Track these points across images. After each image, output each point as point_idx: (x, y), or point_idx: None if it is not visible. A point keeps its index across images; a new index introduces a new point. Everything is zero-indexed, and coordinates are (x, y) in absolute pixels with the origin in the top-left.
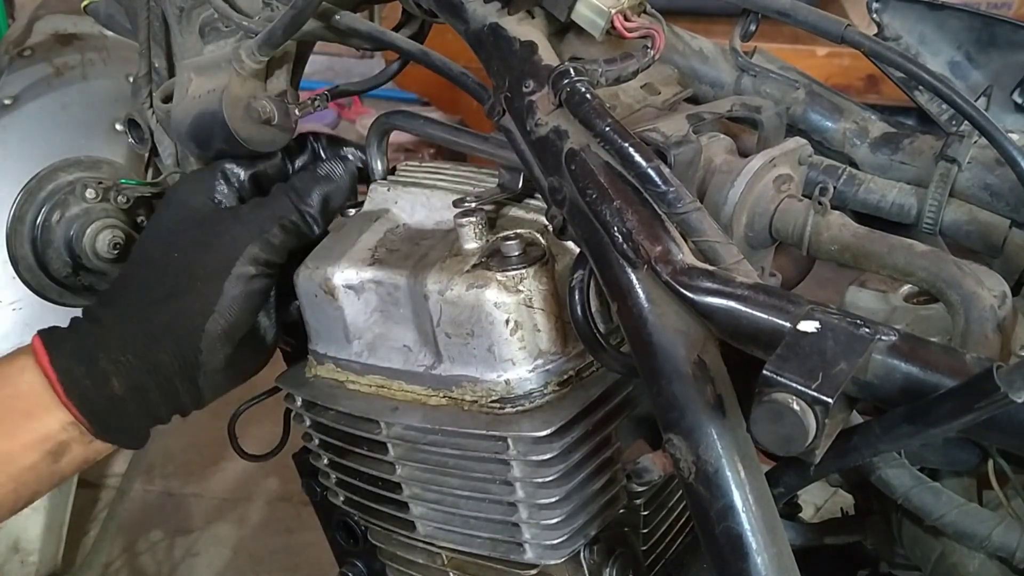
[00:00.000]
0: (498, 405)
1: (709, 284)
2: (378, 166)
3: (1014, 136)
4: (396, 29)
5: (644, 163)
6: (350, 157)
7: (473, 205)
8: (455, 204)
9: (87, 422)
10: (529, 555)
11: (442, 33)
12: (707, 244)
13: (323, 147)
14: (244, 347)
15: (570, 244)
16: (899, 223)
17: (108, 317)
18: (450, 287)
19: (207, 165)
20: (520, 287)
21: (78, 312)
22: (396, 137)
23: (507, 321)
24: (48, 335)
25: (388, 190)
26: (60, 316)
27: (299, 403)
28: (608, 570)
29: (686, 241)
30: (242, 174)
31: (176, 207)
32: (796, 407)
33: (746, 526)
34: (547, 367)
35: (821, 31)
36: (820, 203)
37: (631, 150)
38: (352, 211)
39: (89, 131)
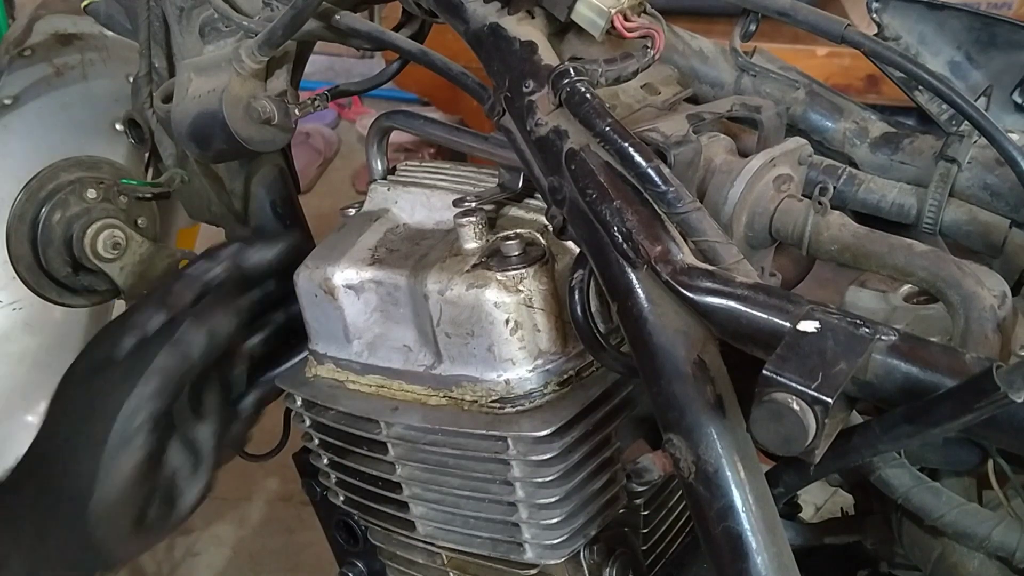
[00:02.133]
0: (498, 405)
1: (709, 284)
2: (378, 166)
3: (1014, 136)
4: (396, 29)
5: (644, 163)
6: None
7: (473, 205)
8: (455, 204)
9: None
10: (529, 555)
11: (442, 33)
12: (707, 244)
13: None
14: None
15: (570, 244)
16: (899, 223)
17: (12, 486)
18: (450, 287)
19: None
20: (520, 287)
21: (78, 312)
22: (396, 137)
23: (507, 321)
24: None
25: (388, 190)
26: (60, 316)
27: (299, 403)
28: (608, 570)
29: (686, 241)
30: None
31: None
32: (796, 407)
33: (746, 526)
34: (547, 367)
35: (821, 31)
36: (820, 203)
37: (631, 150)
38: (351, 211)
39: (89, 131)
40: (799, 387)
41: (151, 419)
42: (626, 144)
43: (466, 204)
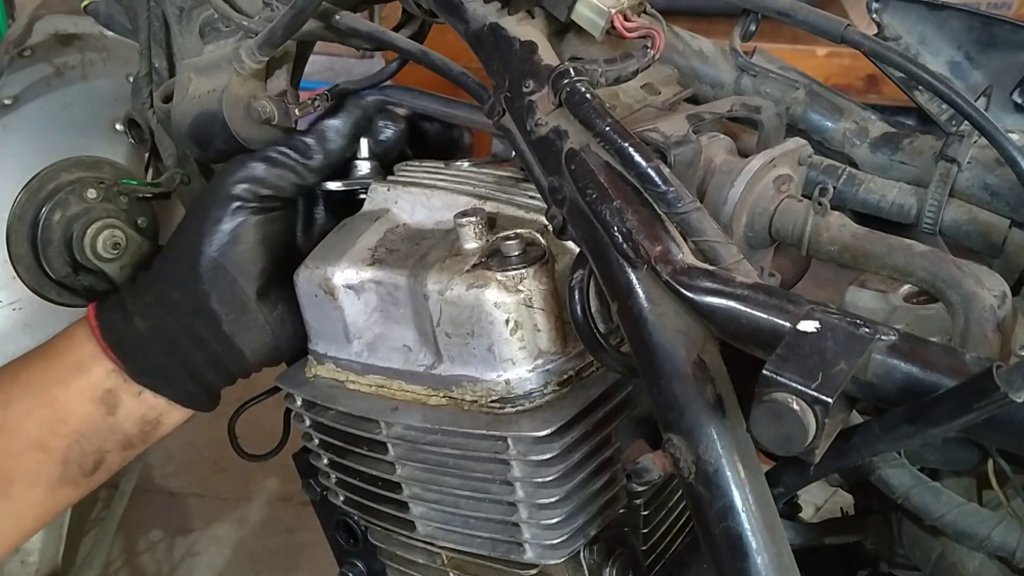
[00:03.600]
0: (498, 405)
1: (709, 284)
2: (363, 150)
3: (1014, 136)
4: (396, 29)
5: (644, 163)
6: (366, 99)
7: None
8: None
9: (122, 363)
10: (529, 555)
11: (442, 33)
12: (707, 244)
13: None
14: (280, 303)
15: (570, 244)
16: (899, 223)
17: (143, 271)
18: (450, 287)
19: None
20: (520, 287)
21: (78, 312)
22: None
23: (507, 321)
24: (104, 298)
25: (388, 190)
26: (60, 316)
27: (299, 403)
28: (608, 570)
29: (686, 241)
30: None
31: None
32: (796, 407)
33: (746, 526)
34: (547, 367)
35: (821, 31)
36: (820, 203)
37: (631, 150)
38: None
39: (89, 131)
40: (799, 387)
41: (255, 196)
42: (626, 144)
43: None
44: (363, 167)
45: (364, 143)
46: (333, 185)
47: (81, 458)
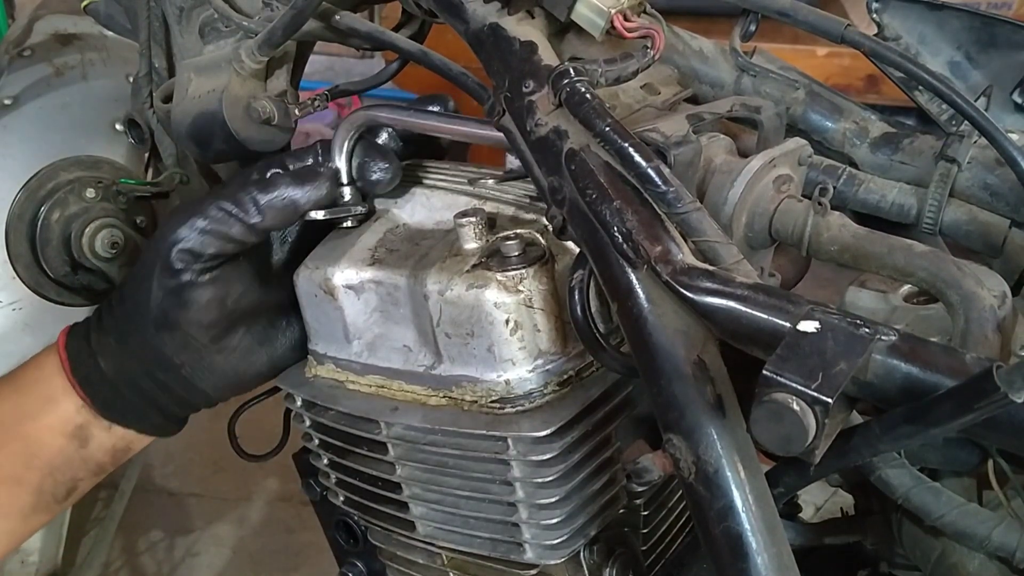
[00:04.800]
0: (498, 405)
1: (709, 284)
2: (343, 174)
3: (1014, 136)
4: (396, 29)
5: (644, 163)
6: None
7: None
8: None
9: (90, 401)
10: (529, 555)
11: (442, 33)
12: (707, 244)
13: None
14: (246, 337)
15: (570, 244)
16: (899, 223)
17: (104, 311)
18: (450, 287)
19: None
20: (520, 287)
21: (77, 312)
22: None
23: (507, 321)
24: (74, 323)
25: None
26: (59, 316)
27: (299, 403)
28: (608, 570)
29: (686, 241)
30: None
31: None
32: (796, 407)
33: (746, 526)
34: (547, 367)
35: (821, 31)
36: (820, 203)
37: (631, 150)
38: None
39: (89, 131)
40: (799, 387)
41: (193, 255)
42: (626, 144)
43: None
44: (345, 193)
45: (343, 166)
46: (315, 215)
47: (54, 488)
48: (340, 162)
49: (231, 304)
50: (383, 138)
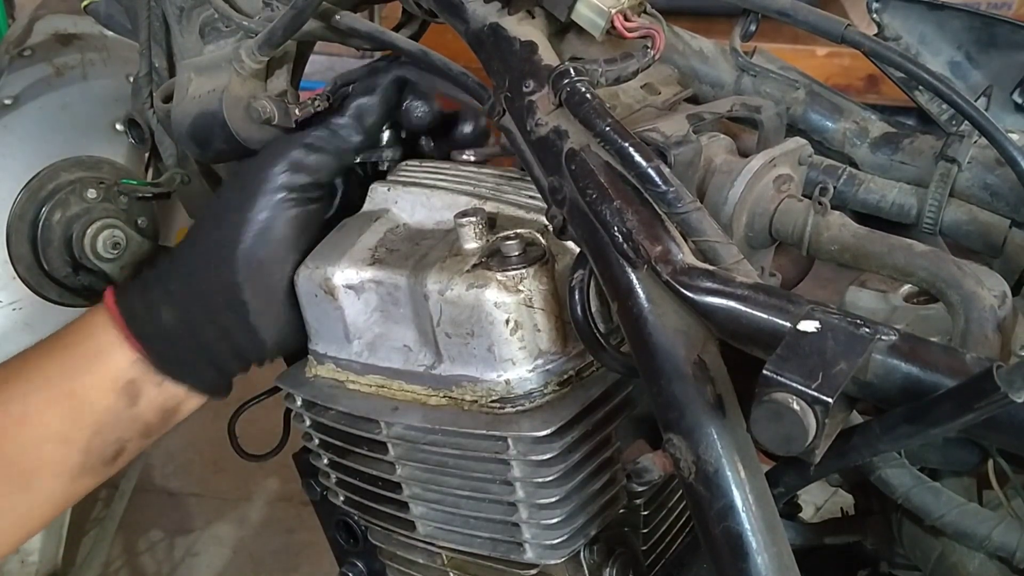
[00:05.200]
0: (498, 405)
1: (709, 284)
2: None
3: (1014, 136)
4: (396, 29)
5: (644, 163)
6: (391, 73)
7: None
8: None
9: (145, 353)
10: (529, 555)
11: (442, 33)
12: (707, 244)
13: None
14: None
15: (570, 244)
16: (899, 223)
17: (163, 259)
18: (450, 287)
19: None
20: (520, 287)
21: (77, 312)
22: None
23: (507, 321)
24: (119, 284)
25: (388, 190)
26: (60, 316)
27: (299, 403)
28: (608, 570)
29: (686, 241)
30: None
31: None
32: (796, 407)
33: (746, 526)
34: (547, 367)
35: (821, 31)
36: (820, 203)
37: (631, 150)
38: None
39: (89, 131)
40: (799, 387)
41: (299, 186)
42: (626, 144)
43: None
44: (383, 137)
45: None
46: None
47: (102, 448)
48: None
49: (310, 242)
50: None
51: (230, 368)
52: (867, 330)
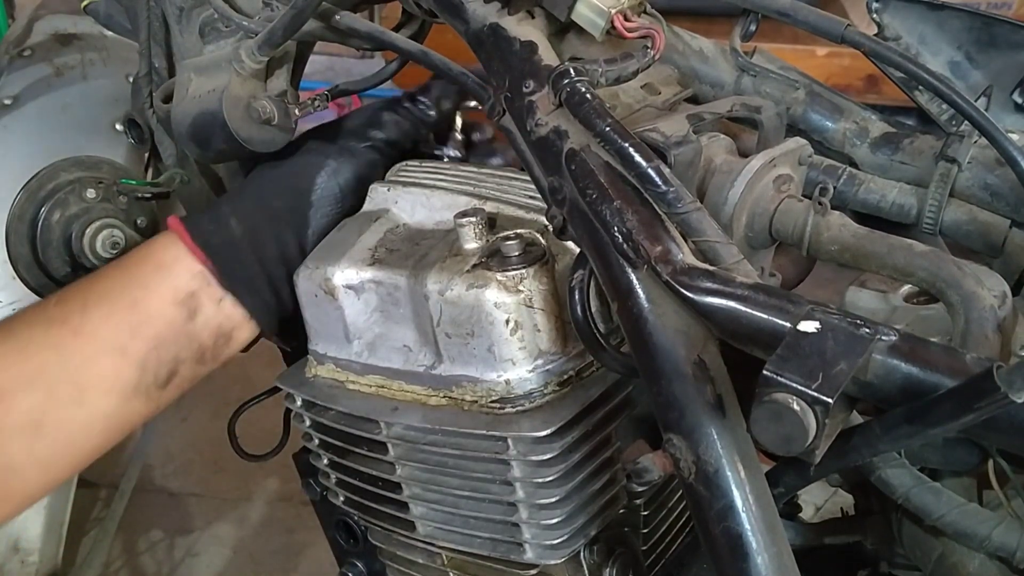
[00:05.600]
0: (498, 405)
1: (709, 284)
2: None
3: (1014, 136)
4: (396, 29)
5: (644, 163)
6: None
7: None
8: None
9: (210, 263)
10: (529, 555)
11: (442, 33)
12: (707, 244)
13: None
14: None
15: (570, 244)
16: (899, 223)
17: (233, 188)
18: (450, 287)
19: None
20: (520, 287)
21: None
22: None
23: (507, 321)
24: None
25: (388, 190)
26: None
27: (299, 403)
28: (608, 570)
29: (686, 241)
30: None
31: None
32: (796, 407)
33: (746, 526)
34: (547, 367)
35: (821, 31)
36: (820, 203)
37: (631, 150)
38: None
39: (89, 131)
40: (799, 387)
41: (382, 140)
42: (626, 144)
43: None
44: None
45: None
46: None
47: (157, 366)
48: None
49: (352, 204)
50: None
51: (282, 296)
52: (867, 330)
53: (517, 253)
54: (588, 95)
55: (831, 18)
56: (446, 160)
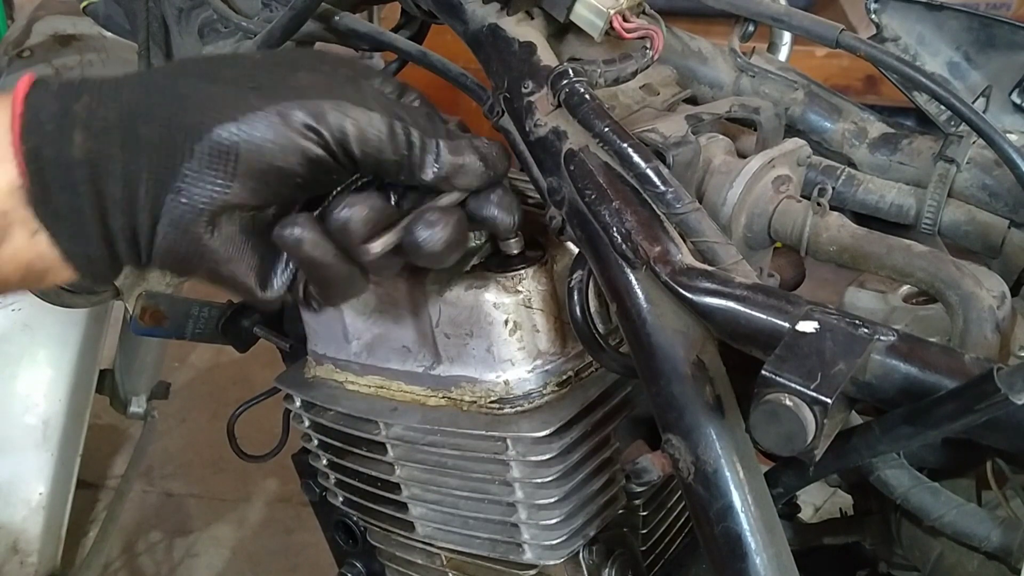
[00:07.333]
0: (497, 406)
1: (708, 284)
2: None
3: (1012, 137)
4: (395, 30)
5: (643, 163)
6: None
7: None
8: None
9: (30, 183)
10: (528, 555)
11: (442, 33)
12: (706, 245)
13: None
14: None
15: (569, 244)
16: (898, 224)
17: (110, 79)
18: (449, 287)
19: None
20: (519, 287)
21: (77, 312)
22: None
23: (506, 322)
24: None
25: None
26: (59, 316)
27: (298, 404)
28: (607, 570)
29: (685, 242)
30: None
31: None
32: (795, 407)
33: (745, 526)
34: (546, 367)
35: (816, 36)
36: (819, 204)
37: (630, 151)
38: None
39: None
40: (798, 387)
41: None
42: (625, 145)
43: None
44: None
45: None
46: None
47: None
48: None
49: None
50: None
51: (117, 251)
52: (866, 331)
53: (516, 253)
54: (587, 96)
55: (826, 23)
56: None
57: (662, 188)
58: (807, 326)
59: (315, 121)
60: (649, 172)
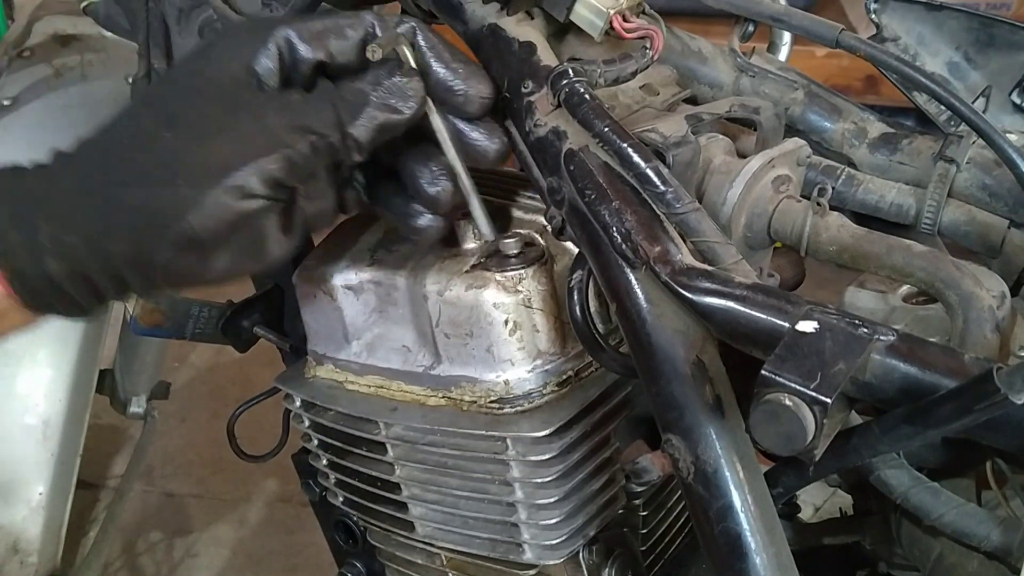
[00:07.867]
0: (497, 405)
1: (708, 284)
2: None
3: (1012, 137)
4: None
5: (643, 163)
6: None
7: None
8: None
9: (21, 299)
10: (528, 555)
11: (442, 33)
12: (706, 244)
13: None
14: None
15: (569, 244)
16: (898, 223)
17: (63, 181)
18: (449, 287)
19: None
20: (519, 287)
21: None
22: None
23: (506, 321)
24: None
25: None
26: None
27: (298, 403)
28: (607, 570)
29: (685, 242)
30: (307, 55)
31: (197, 69)
32: (795, 407)
33: (745, 526)
34: (546, 367)
35: (816, 36)
36: (819, 204)
37: (630, 150)
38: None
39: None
40: (798, 387)
41: (275, 182)
42: (625, 145)
43: None
44: None
45: None
46: None
47: None
48: None
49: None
50: None
51: (105, 300)
52: (866, 330)
53: (516, 253)
54: (587, 95)
55: (826, 23)
56: None
57: (662, 188)
58: (807, 326)
59: (247, 184)
60: (649, 172)
